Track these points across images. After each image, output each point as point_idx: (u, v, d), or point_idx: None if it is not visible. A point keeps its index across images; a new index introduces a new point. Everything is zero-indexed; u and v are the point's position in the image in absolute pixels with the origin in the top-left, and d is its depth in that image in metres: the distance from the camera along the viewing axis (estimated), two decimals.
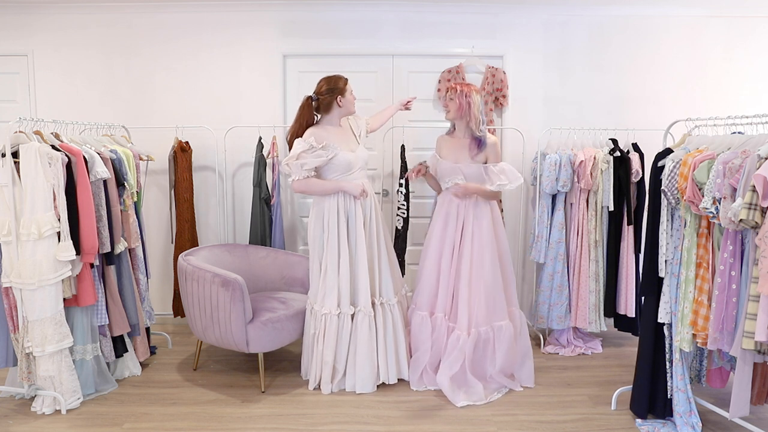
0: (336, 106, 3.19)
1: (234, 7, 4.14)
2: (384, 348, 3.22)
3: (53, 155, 2.85)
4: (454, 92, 3.24)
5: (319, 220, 3.19)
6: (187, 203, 4.06)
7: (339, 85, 3.18)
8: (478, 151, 3.25)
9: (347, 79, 3.23)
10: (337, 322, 3.16)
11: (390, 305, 3.25)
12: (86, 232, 2.95)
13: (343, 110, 3.22)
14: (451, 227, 3.28)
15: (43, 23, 4.15)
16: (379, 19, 4.17)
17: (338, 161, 3.14)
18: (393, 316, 3.25)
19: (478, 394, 3.10)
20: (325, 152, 3.09)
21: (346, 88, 3.20)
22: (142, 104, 4.21)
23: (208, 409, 3.02)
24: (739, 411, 2.36)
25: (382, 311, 3.22)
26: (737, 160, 2.29)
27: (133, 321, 3.34)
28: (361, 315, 3.17)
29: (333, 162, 3.13)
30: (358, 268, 3.18)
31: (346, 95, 3.19)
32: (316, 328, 3.20)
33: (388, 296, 3.26)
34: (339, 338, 3.18)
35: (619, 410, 2.99)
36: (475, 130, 3.25)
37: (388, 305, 3.24)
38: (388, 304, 3.25)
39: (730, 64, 4.23)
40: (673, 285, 2.67)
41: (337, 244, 3.15)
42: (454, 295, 3.28)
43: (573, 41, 4.20)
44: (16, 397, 3.10)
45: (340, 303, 3.16)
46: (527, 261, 4.25)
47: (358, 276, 3.18)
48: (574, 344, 3.87)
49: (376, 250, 3.24)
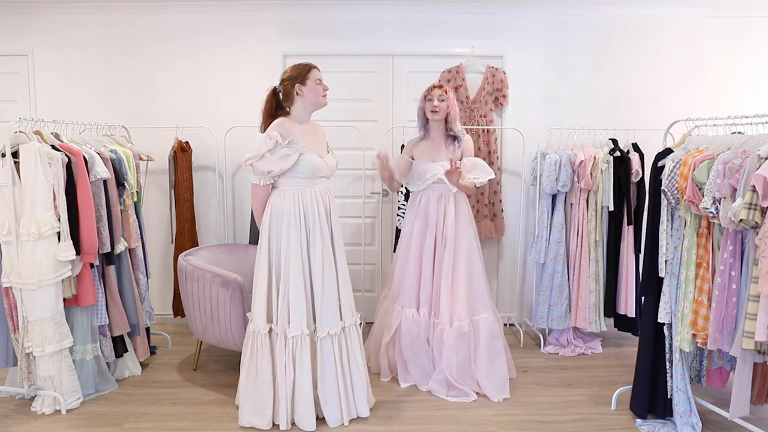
0: (296, 96, 2.77)
1: (234, 7, 4.14)
2: (348, 374, 2.85)
3: (53, 155, 2.85)
4: (445, 93, 3.24)
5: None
6: (187, 203, 4.06)
7: (300, 71, 2.76)
8: (454, 147, 3.29)
9: (315, 67, 2.80)
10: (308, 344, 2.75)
11: (355, 326, 2.91)
12: (86, 232, 2.95)
13: (306, 101, 2.77)
14: (431, 222, 3.28)
15: (43, 23, 4.15)
16: (379, 19, 4.17)
17: (302, 164, 2.70)
18: (353, 339, 2.89)
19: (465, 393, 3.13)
20: (291, 150, 2.67)
21: (308, 75, 2.75)
22: (142, 104, 4.21)
23: (208, 409, 3.02)
24: (739, 411, 2.35)
25: (346, 333, 2.87)
26: (737, 160, 2.29)
27: (133, 321, 3.34)
28: (328, 337, 2.77)
29: (296, 164, 2.70)
30: (317, 284, 2.77)
31: (307, 83, 2.74)
32: (286, 354, 2.73)
33: (348, 316, 2.87)
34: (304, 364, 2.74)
35: (619, 410, 2.99)
36: (456, 129, 3.28)
37: (352, 327, 2.89)
38: (352, 326, 2.90)
39: (730, 64, 4.23)
40: (673, 285, 2.67)
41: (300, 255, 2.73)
42: (434, 291, 3.28)
43: (573, 41, 4.20)
44: (16, 397, 3.10)
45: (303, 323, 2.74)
46: (527, 261, 4.25)
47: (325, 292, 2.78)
48: (574, 344, 3.87)
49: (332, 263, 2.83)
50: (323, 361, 2.77)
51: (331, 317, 2.78)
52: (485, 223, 4.13)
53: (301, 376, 2.73)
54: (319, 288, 2.77)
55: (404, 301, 3.32)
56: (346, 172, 4.20)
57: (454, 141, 3.30)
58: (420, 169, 3.31)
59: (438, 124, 3.31)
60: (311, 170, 2.74)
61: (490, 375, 3.19)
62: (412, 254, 3.33)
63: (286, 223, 2.73)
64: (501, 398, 3.12)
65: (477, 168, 3.25)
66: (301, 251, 2.73)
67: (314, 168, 2.74)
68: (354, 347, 2.88)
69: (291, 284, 2.72)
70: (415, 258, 3.32)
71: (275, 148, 2.66)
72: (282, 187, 2.77)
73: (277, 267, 2.76)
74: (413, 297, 3.31)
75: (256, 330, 2.77)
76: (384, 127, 4.20)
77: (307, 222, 2.75)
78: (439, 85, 3.28)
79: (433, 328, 3.26)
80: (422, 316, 3.28)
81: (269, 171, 2.68)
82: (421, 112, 3.35)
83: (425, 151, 3.34)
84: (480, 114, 4.13)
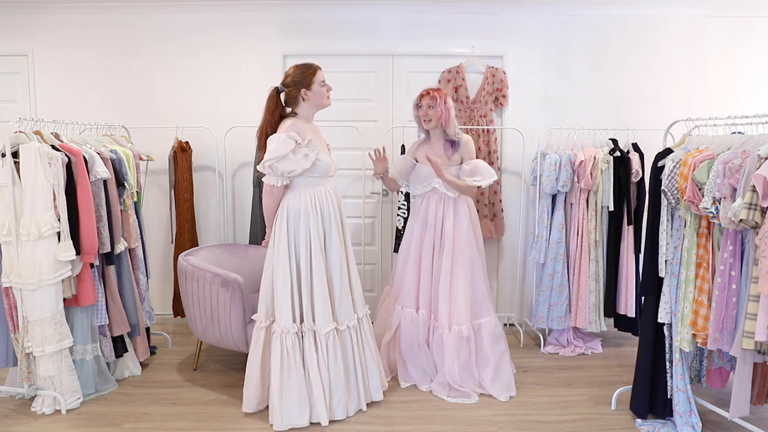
0: (301, 101, 2.79)
1: (234, 7, 4.14)
2: (360, 368, 2.94)
3: (53, 155, 2.85)
4: (433, 100, 3.21)
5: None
6: (187, 203, 4.06)
7: (305, 76, 2.77)
8: (453, 151, 3.28)
9: (318, 68, 2.81)
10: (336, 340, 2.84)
11: (366, 319, 3.01)
12: (86, 232, 2.95)
13: (311, 104, 2.81)
14: (430, 226, 3.28)
15: (43, 23, 4.15)
16: (379, 19, 4.17)
17: (318, 164, 2.76)
18: (365, 329, 2.99)
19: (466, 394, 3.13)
20: (309, 150, 2.71)
21: (313, 80, 2.76)
22: (142, 104, 4.21)
23: (208, 409, 3.02)
24: (739, 411, 2.35)
25: (360, 327, 2.96)
26: (737, 160, 2.29)
27: (133, 321, 3.34)
28: (347, 330, 2.88)
29: (313, 164, 2.75)
30: (334, 281, 2.85)
31: (313, 87, 2.76)
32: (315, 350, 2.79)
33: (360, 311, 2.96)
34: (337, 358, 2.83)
35: (619, 410, 2.99)
36: (452, 135, 3.27)
37: (364, 318, 2.99)
38: (363, 319, 2.99)
39: (730, 64, 4.23)
40: (673, 285, 2.67)
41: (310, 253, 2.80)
42: (433, 294, 3.28)
43: (573, 41, 4.20)
44: (16, 397, 3.10)
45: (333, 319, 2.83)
46: (527, 261, 4.25)
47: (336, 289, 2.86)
48: (574, 344, 3.87)
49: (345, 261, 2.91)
50: (345, 354, 2.87)
51: (348, 311, 2.88)
52: (485, 223, 4.13)
53: (334, 369, 2.82)
54: (337, 284, 2.84)
55: (404, 302, 3.33)
56: (346, 172, 4.20)
57: (453, 146, 3.29)
58: (421, 173, 3.32)
59: (436, 129, 3.31)
60: (325, 169, 2.81)
61: (497, 377, 3.21)
62: (412, 256, 3.33)
63: (305, 222, 2.77)
64: (507, 396, 3.13)
65: (478, 171, 3.24)
66: (322, 249, 2.80)
67: (327, 167, 2.81)
68: (367, 336, 2.99)
69: (315, 282, 2.78)
70: (415, 260, 3.33)
71: (297, 148, 2.68)
72: (298, 186, 2.80)
73: (298, 266, 2.79)
74: (413, 298, 3.32)
75: (284, 330, 2.76)
76: (384, 127, 4.20)
77: (324, 220, 2.83)
78: (426, 92, 3.25)
79: (432, 331, 3.26)
80: (421, 317, 3.28)
81: (291, 171, 2.70)
82: (416, 119, 3.35)
83: (427, 154, 3.34)
84: (480, 114, 4.13)
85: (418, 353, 3.27)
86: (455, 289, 3.21)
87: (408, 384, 3.27)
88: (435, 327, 3.24)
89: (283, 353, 2.76)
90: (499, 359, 3.24)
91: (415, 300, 3.32)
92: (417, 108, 3.30)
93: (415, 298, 3.32)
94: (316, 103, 2.82)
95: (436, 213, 3.28)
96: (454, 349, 3.16)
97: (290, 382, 2.76)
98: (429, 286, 3.29)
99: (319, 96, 2.80)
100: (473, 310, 3.25)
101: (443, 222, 3.27)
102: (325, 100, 2.84)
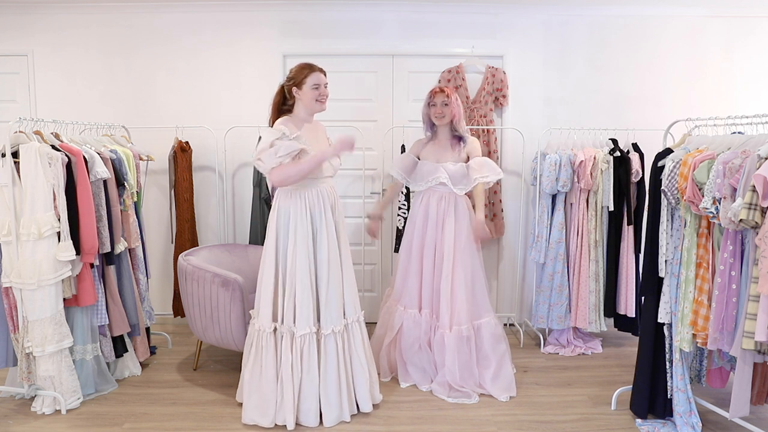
0: (296, 99, 2.79)
1: (234, 7, 4.13)
2: (350, 373, 2.88)
3: (53, 155, 2.85)
4: (448, 98, 3.25)
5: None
6: (187, 203, 4.06)
7: (299, 74, 2.75)
8: (461, 146, 3.30)
9: (315, 70, 2.77)
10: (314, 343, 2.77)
11: (358, 323, 2.95)
12: (86, 232, 2.95)
13: (302, 104, 2.79)
14: (431, 224, 3.29)
15: (43, 23, 4.15)
16: (379, 19, 4.17)
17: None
18: (355, 335, 2.92)
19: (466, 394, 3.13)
20: (297, 144, 2.68)
21: (305, 80, 2.73)
22: (142, 104, 4.21)
23: (208, 409, 3.02)
24: (739, 411, 2.36)
25: (349, 331, 2.90)
26: (737, 160, 2.29)
27: (133, 321, 3.34)
28: (331, 335, 2.79)
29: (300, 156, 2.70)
30: (322, 282, 2.79)
31: (303, 87, 2.74)
32: (292, 352, 2.74)
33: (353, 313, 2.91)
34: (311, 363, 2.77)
35: (619, 410, 2.99)
36: (461, 131, 3.30)
37: (354, 323, 2.92)
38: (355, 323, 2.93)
39: (730, 64, 4.23)
40: (673, 285, 2.67)
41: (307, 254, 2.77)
42: (434, 293, 3.28)
43: (573, 41, 4.20)
44: (16, 397, 3.10)
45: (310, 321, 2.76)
46: (527, 261, 4.25)
47: (329, 291, 2.80)
48: (574, 344, 3.87)
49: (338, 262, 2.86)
50: (326, 359, 2.79)
51: (336, 316, 2.80)
52: (485, 223, 4.12)
53: (308, 374, 2.75)
54: (324, 287, 2.79)
55: (406, 302, 3.33)
56: (346, 172, 4.20)
57: (459, 141, 3.31)
58: (424, 169, 3.32)
59: (444, 127, 3.32)
60: (316, 170, 2.75)
61: (498, 376, 3.21)
62: (414, 255, 3.34)
63: (293, 223, 2.76)
64: (507, 396, 3.13)
65: (485, 167, 3.26)
66: (308, 251, 2.76)
67: (318, 168, 2.75)
68: (356, 343, 2.89)
69: (298, 284, 2.74)
70: (417, 259, 3.33)
71: (282, 138, 2.67)
72: (288, 187, 2.78)
73: (283, 266, 2.78)
74: (415, 298, 3.32)
75: (261, 328, 2.78)
76: (384, 127, 4.20)
77: (314, 221, 2.79)
78: (440, 89, 3.28)
79: (434, 331, 3.26)
80: (424, 317, 3.28)
81: (277, 149, 2.63)
82: (426, 117, 3.36)
83: (431, 152, 3.35)
84: (480, 114, 4.13)
85: (419, 354, 3.27)
86: (456, 288, 3.22)
87: (408, 384, 3.27)
88: (436, 327, 3.25)
89: (257, 351, 2.79)
90: (500, 360, 3.24)
91: (417, 300, 3.32)
92: (430, 106, 3.31)
93: (418, 298, 3.32)
94: (306, 105, 2.78)
95: (437, 211, 3.29)
96: (454, 349, 3.16)
97: (259, 380, 2.78)
98: (431, 286, 3.29)
99: (308, 98, 2.76)
100: (473, 310, 3.25)
101: (444, 220, 3.27)
102: (313, 104, 2.77)
